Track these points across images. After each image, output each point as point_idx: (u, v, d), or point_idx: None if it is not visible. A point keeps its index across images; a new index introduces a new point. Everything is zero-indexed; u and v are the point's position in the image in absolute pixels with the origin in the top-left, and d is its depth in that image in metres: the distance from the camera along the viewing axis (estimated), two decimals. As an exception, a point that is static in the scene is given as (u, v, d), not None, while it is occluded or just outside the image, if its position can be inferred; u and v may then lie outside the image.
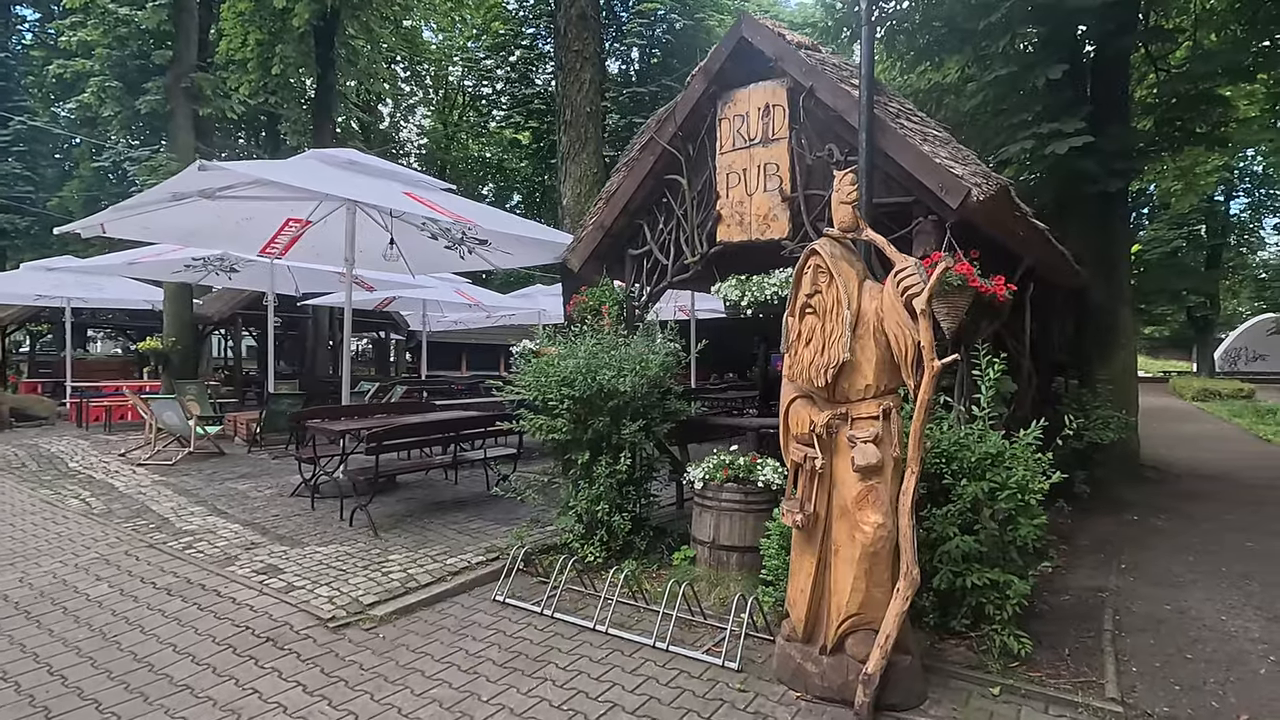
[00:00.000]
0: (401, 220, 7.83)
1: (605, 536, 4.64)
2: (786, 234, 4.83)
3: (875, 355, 3.08)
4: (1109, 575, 4.82)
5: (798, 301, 3.28)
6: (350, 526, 5.68)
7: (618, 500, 4.63)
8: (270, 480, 7.53)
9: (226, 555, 4.97)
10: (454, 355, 26.15)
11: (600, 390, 4.46)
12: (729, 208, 5.11)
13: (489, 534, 5.53)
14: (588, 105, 7.87)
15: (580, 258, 5.90)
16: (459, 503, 6.58)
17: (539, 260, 8.09)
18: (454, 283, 14.56)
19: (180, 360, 11.69)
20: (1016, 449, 3.70)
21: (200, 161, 4.54)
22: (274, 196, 7.02)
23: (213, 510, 6.23)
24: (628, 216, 5.71)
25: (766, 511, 4.35)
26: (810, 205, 4.74)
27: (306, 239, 8.40)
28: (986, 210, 4.02)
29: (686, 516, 5.85)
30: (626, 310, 5.71)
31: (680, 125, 5.27)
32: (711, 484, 4.41)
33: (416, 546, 5.18)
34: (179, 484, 7.32)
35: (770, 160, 4.91)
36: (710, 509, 4.41)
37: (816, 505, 3.14)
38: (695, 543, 4.53)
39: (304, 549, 5.11)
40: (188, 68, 11.23)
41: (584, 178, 7.83)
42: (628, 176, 5.59)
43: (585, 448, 4.68)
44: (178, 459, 8.64)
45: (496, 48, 28.85)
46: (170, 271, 10.81)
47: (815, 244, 3.22)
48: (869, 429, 3.05)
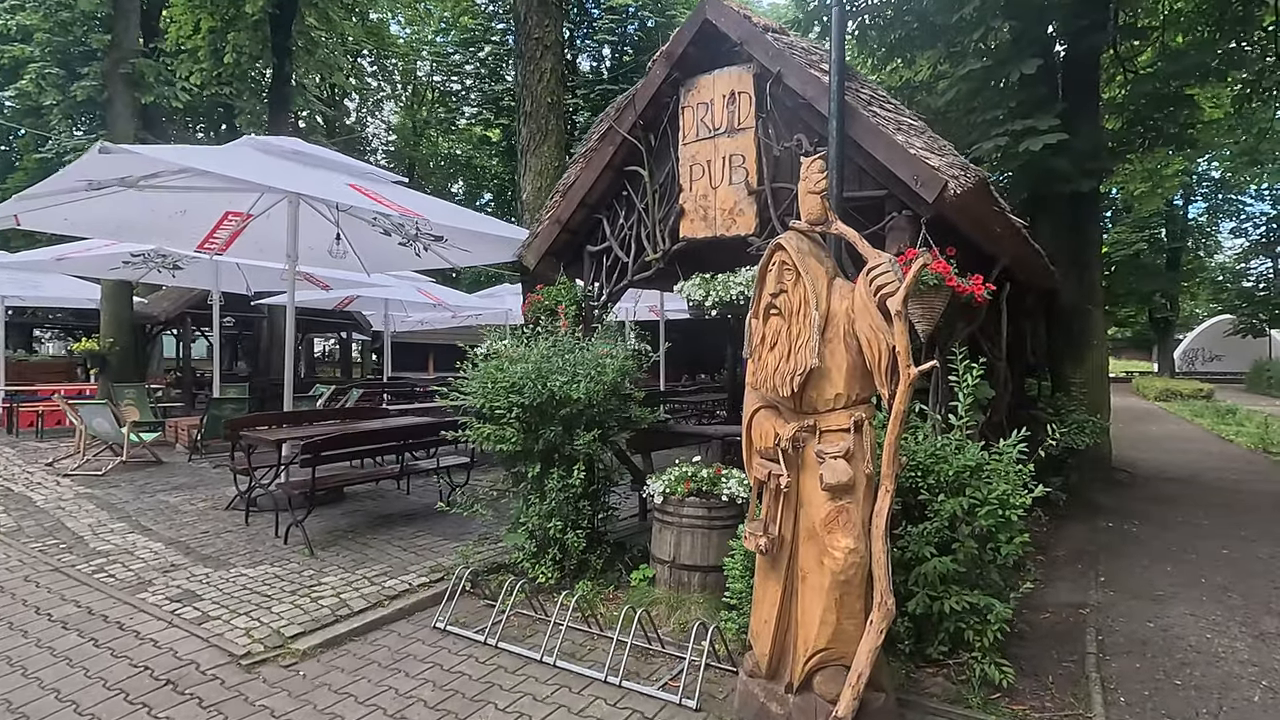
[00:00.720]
0: (350, 215, 7.39)
1: (558, 555, 4.29)
2: (753, 230, 4.53)
3: (846, 361, 2.78)
4: (1088, 589, 4.61)
5: (761, 302, 2.97)
6: (285, 544, 5.24)
7: (572, 516, 4.28)
8: (205, 492, 7.02)
9: (140, 580, 4.51)
10: (420, 356, 25.52)
11: (551, 398, 4.11)
12: (692, 202, 4.80)
13: (437, 550, 5.14)
14: (549, 95, 7.49)
15: (536, 254, 5.54)
16: (408, 516, 6.16)
17: (499, 258, 7.70)
18: (416, 281, 14.06)
19: (119, 362, 11.02)
20: (997, 461, 3.45)
21: (102, 143, 4.09)
22: (209, 188, 6.53)
23: (135, 527, 5.73)
24: (586, 211, 5.36)
25: (731, 528, 4.04)
26: (778, 199, 4.44)
27: (249, 234, 7.90)
28: (964, 205, 3.76)
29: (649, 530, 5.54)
30: (585, 311, 5.36)
31: (641, 113, 4.94)
32: (672, 498, 4.09)
33: (355, 566, 4.77)
34: (104, 497, 6.78)
35: (736, 151, 4.61)
36: (671, 525, 4.09)
37: (782, 528, 2.83)
38: (655, 561, 4.21)
39: (229, 571, 4.67)
40: (127, 53, 10.58)
41: (544, 171, 7.45)
42: (585, 168, 5.24)
43: (536, 459, 4.32)
44: (109, 469, 8.07)
45: (466, 43, 28.30)
46: (107, 268, 10.16)
47: (781, 238, 2.91)
48: (839, 443, 2.75)
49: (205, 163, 4.98)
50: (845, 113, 3.95)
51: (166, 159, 4.66)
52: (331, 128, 26.55)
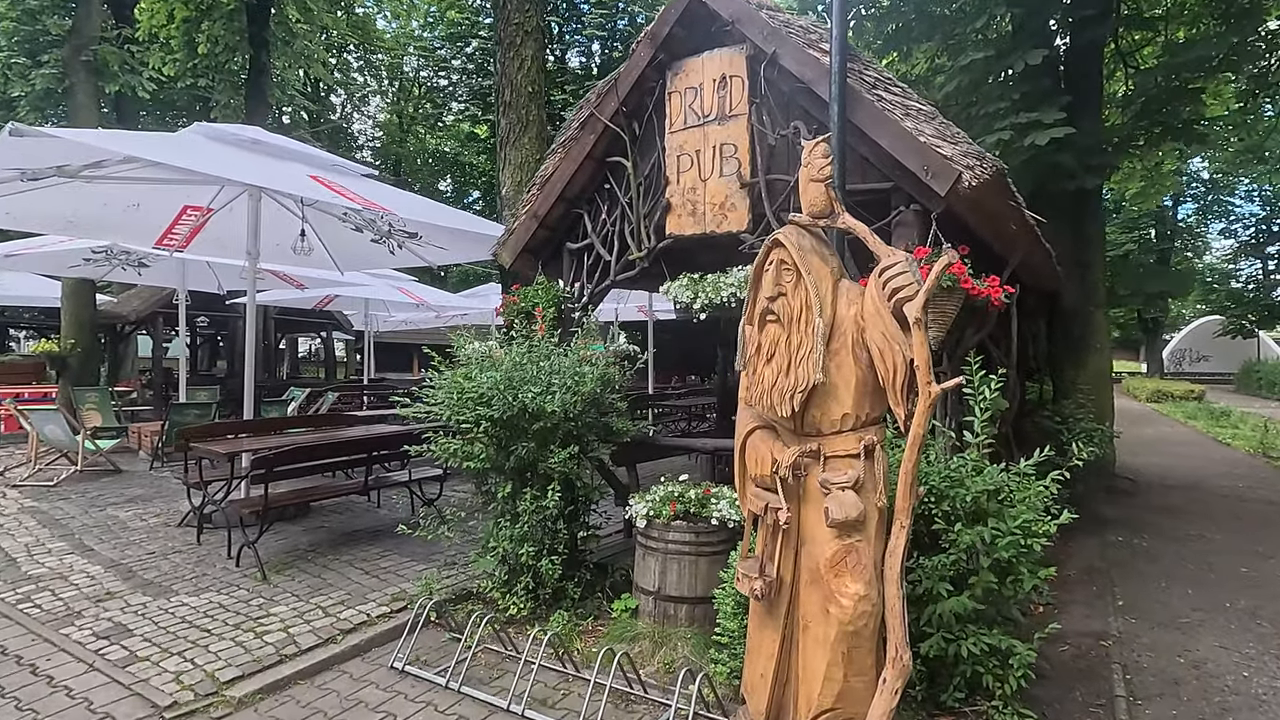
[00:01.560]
0: (319, 210, 6.94)
1: (531, 583, 3.89)
2: (746, 226, 4.15)
3: (855, 376, 2.40)
4: (1107, 615, 4.27)
5: (756, 306, 2.59)
6: (237, 567, 4.81)
7: (546, 540, 3.88)
8: (160, 505, 6.56)
9: (68, 611, 4.07)
10: (404, 356, 25.02)
11: (523, 411, 3.72)
12: (680, 195, 4.41)
13: (402, 574, 4.72)
14: (529, 85, 7.10)
15: (512, 252, 5.14)
16: (375, 533, 5.74)
17: (477, 256, 7.28)
18: (397, 280, 13.60)
19: (80, 364, 10.50)
20: (1017, 483, 3.09)
21: (12, 125, 3.65)
22: (162, 180, 6.08)
23: (76, 546, 5.28)
24: (565, 205, 4.97)
25: (722, 555, 3.66)
26: (773, 192, 4.07)
27: (211, 229, 7.44)
28: (979, 198, 3.40)
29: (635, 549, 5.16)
30: (564, 313, 4.96)
31: (624, 99, 4.55)
32: (656, 522, 3.70)
33: (309, 593, 4.35)
34: (50, 511, 6.31)
35: (727, 140, 4.23)
36: (655, 552, 3.70)
37: (781, 569, 2.45)
38: (638, 590, 3.82)
39: (169, 600, 4.23)
40: (89, 39, 10.06)
41: (525, 164, 7.05)
42: (564, 159, 4.85)
43: (507, 478, 3.92)
44: (62, 479, 7.59)
45: (453, 38, 27.82)
46: (66, 265, 9.64)
47: (779, 233, 2.53)
48: (847, 471, 2.37)
49: (148, 151, 4.54)
50: (848, 97, 3.58)
51: (94, 144, 4.22)
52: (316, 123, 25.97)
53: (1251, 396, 25.32)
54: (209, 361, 22.57)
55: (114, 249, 8.92)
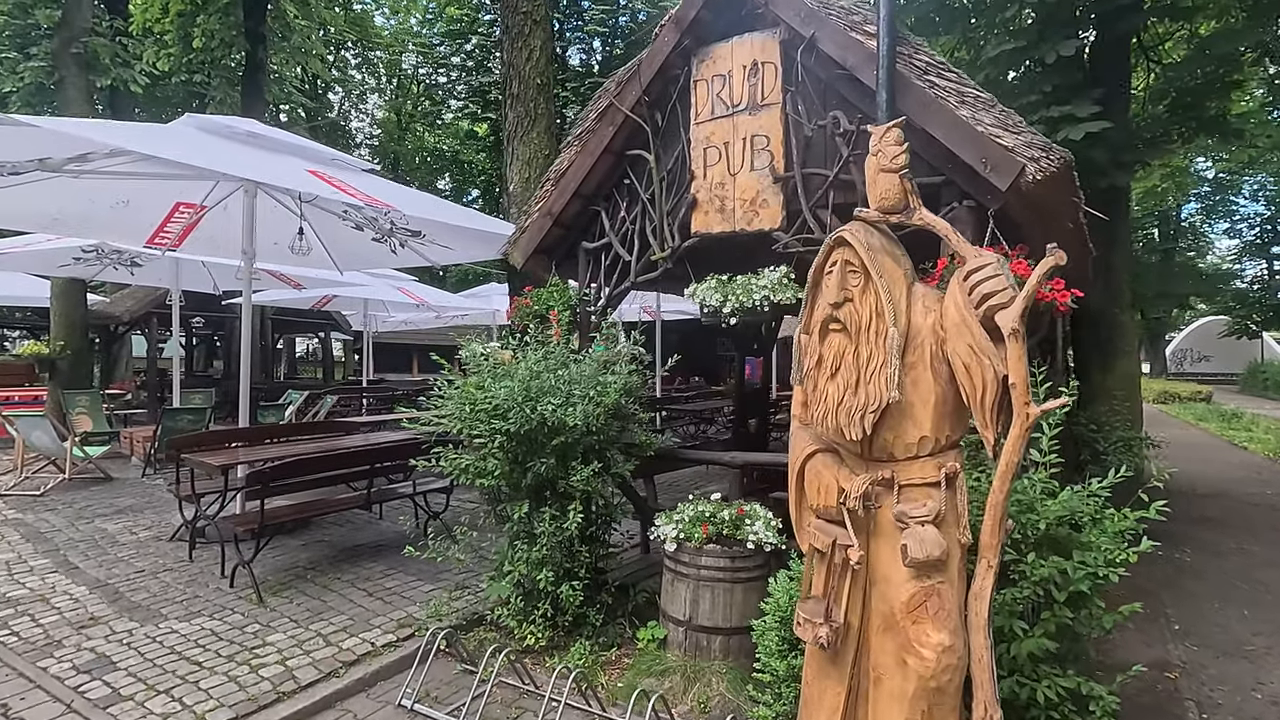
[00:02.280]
0: (317, 207, 6.63)
1: (549, 611, 3.59)
2: (779, 223, 3.85)
3: (934, 394, 2.11)
4: (1165, 642, 3.98)
5: (816, 313, 2.29)
6: (231, 587, 4.51)
7: (566, 564, 3.58)
8: (152, 517, 6.25)
9: (48, 640, 3.76)
10: (403, 357, 24.71)
11: (542, 424, 3.41)
12: (707, 191, 4.11)
13: (408, 595, 4.42)
14: (538, 76, 6.79)
15: (524, 252, 4.83)
16: (378, 548, 5.43)
17: (484, 255, 6.97)
18: (397, 280, 13.29)
19: (70, 366, 10.16)
20: (1094, 508, 2.80)
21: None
22: (153, 175, 5.75)
23: (61, 564, 4.97)
24: (581, 202, 4.66)
25: (760, 580, 3.37)
26: (810, 187, 3.77)
27: (205, 228, 7.12)
28: (1042, 194, 3.11)
29: (656, 565, 4.86)
30: (580, 316, 4.66)
31: (646, 88, 4.25)
32: (687, 546, 3.41)
33: (309, 618, 4.05)
34: (35, 523, 6.00)
35: (759, 131, 3.93)
36: (686, 578, 3.40)
37: (848, 612, 2.15)
38: (666, 619, 3.52)
39: (158, 627, 3.93)
40: (79, 31, 9.72)
41: (533, 160, 6.74)
42: (581, 152, 4.54)
43: (524, 496, 3.62)
44: (49, 487, 7.28)
45: (452, 34, 27.52)
46: (56, 265, 9.30)
47: (844, 231, 2.23)
48: (926, 502, 2.08)
49: (135, 142, 4.22)
50: (896, 83, 3.28)
51: (76, 133, 3.91)
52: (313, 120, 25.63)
53: (1257, 397, 25.11)
54: (205, 362, 22.23)
55: (104, 248, 8.60)
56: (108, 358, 15.63)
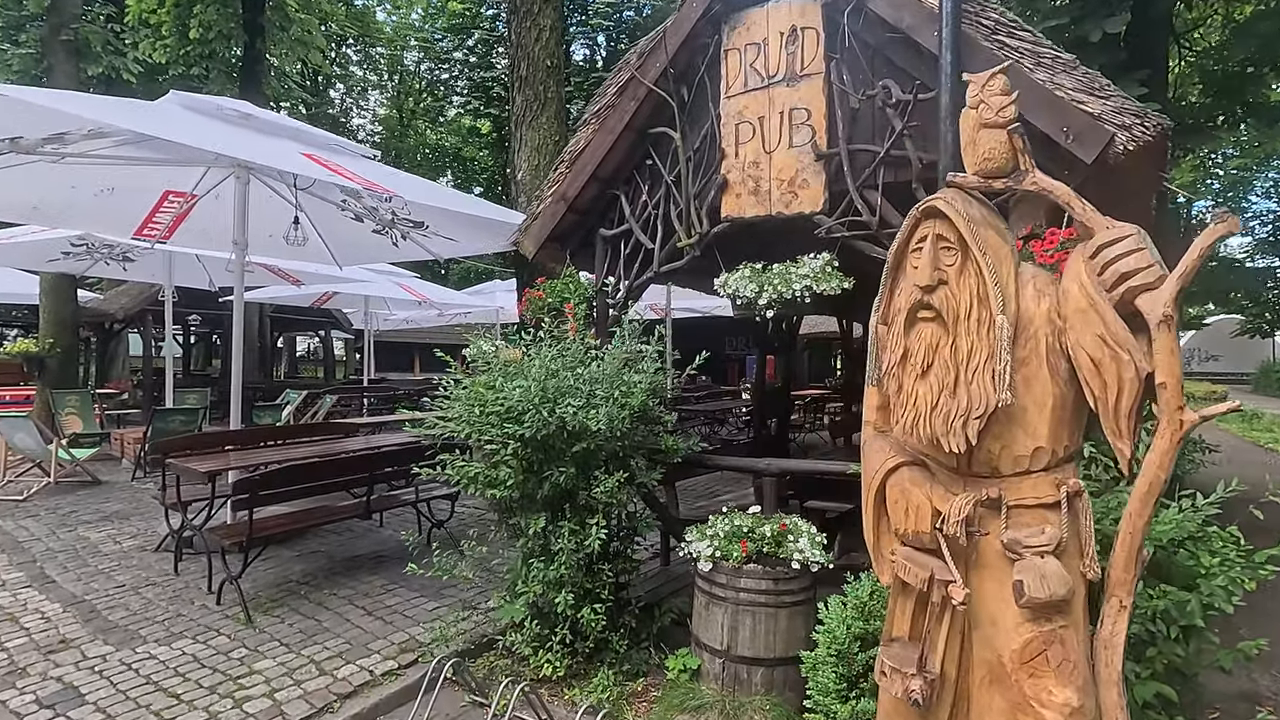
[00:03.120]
0: (313, 195, 6.25)
1: (568, 637, 3.22)
2: (821, 206, 3.47)
3: (1052, 396, 1.73)
4: (1250, 670, 3.60)
5: (899, 299, 1.91)
6: (218, 605, 4.14)
7: (586, 584, 3.21)
8: (138, 524, 5.89)
9: (12, 666, 3.39)
10: (405, 356, 24.37)
11: (561, 428, 3.04)
12: (739, 171, 3.73)
13: (410, 614, 4.05)
14: (547, 58, 6.41)
15: (536, 240, 4.45)
16: (378, 559, 5.06)
17: (490, 247, 6.61)
18: (398, 276, 12.92)
19: (60, 365, 9.81)
20: (1195, 525, 2.44)
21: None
22: (140, 160, 5.39)
23: (36, 577, 4.61)
24: (599, 185, 4.28)
25: (806, 604, 3.00)
26: (857, 165, 3.39)
27: (196, 218, 6.76)
28: (1132, 167, 2.73)
29: (679, 580, 4.49)
30: (598, 310, 4.29)
31: (671, 59, 3.87)
32: (724, 565, 3.03)
33: (301, 641, 3.68)
34: (14, 532, 5.64)
35: (798, 104, 3.55)
36: (723, 602, 3.03)
37: (945, 660, 1.78)
38: (700, 647, 3.15)
39: (134, 651, 3.56)
40: (69, 17, 9.36)
41: (543, 146, 6.37)
42: (599, 130, 4.16)
43: (539, 509, 3.25)
44: (33, 491, 6.93)
45: (454, 29, 27.19)
46: (44, 259, 8.94)
47: (937, 199, 1.86)
48: (1045, 528, 1.70)
49: (114, 116, 3.85)
50: (962, 45, 2.91)
51: (44, 104, 3.53)
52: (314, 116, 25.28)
53: (1272, 397, 24.67)
54: (204, 361, 21.89)
55: (93, 241, 8.25)
56: (103, 356, 15.29)
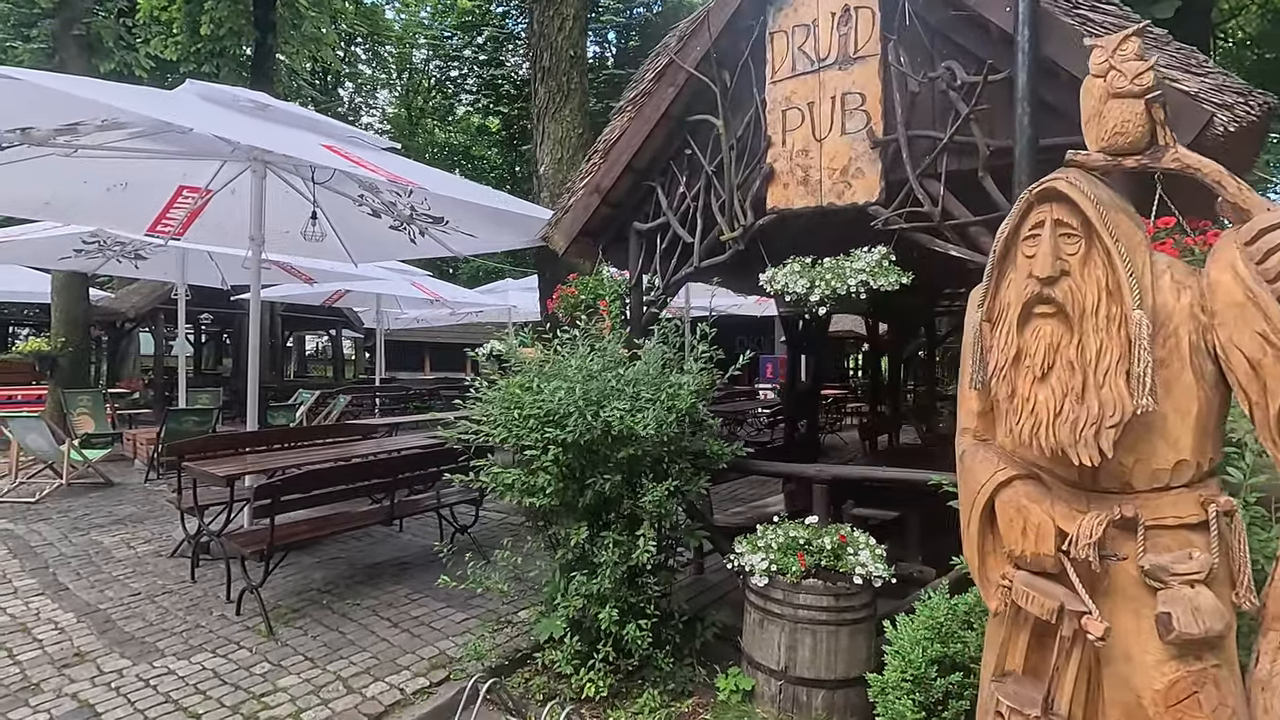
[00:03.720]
0: (331, 190, 6.09)
1: (611, 654, 3.02)
2: (877, 196, 3.27)
3: (1197, 401, 1.52)
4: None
5: (1009, 292, 1.71)
6: (238, 615, 3.97)
7: (630, 598, 3.01)
8: (153, 528, 5.73)
9: (25, 682, 3.23)
10: (416, 356, 24.25)
11: (607, 433, 2.85)
12: (786, 160, 3.53)
13: (437, 625, 3.87)
14: (570, 47, 6.22)
15: (566, 234, 4.26)
16: (400, 565, 4.88)
17: (512, 243, 6.43)
18: (411, 274, 12.77)
19: (72, 365, 9.69)
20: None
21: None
22: (154, 154, 5.24)
23: (49, 584, 4.45)
24: (634, 176, 4.09)
25: (867, 621, 2.80)
26: (916, 152, 3.18)
27: (210, 214, 6.59)
28: (1232, 148, 2.51)
29: (714, 589, 4.30)
30: (632, 307, 4.10)
31: (714, 41, 3.67)
32: (781, 580, 2.83)
33: (326, 655, 3.50)
34: (27, 535, 5.49)
35: (851, 89, 3.34)
36: (779, 619, 2.83)
37: (1072, 702, 1.57)
38: (753, 667, 2.95)
39: (152, 665, 3.39)
40: (81, 11, 9.25)
41: (566, 139, 6.18)
42: (635, 118, 3.97)
43: (581, 518, 3.05)
44: (46, 493, 6.79)
45: (464, 27, 27.09)
46: (56, 257, 8.82)
47: (1056, 180, 1.65)
48: (1193, 553, 1.49)
49: (131, 102, 3.68)
50: (1040, 20, 2.70)
51: (57, 87, 3.36)
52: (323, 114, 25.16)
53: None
54: (215, 360, 21.82)
55: (105, 238, 8.10)
56: (114, 355, 15.21)
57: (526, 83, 26.95)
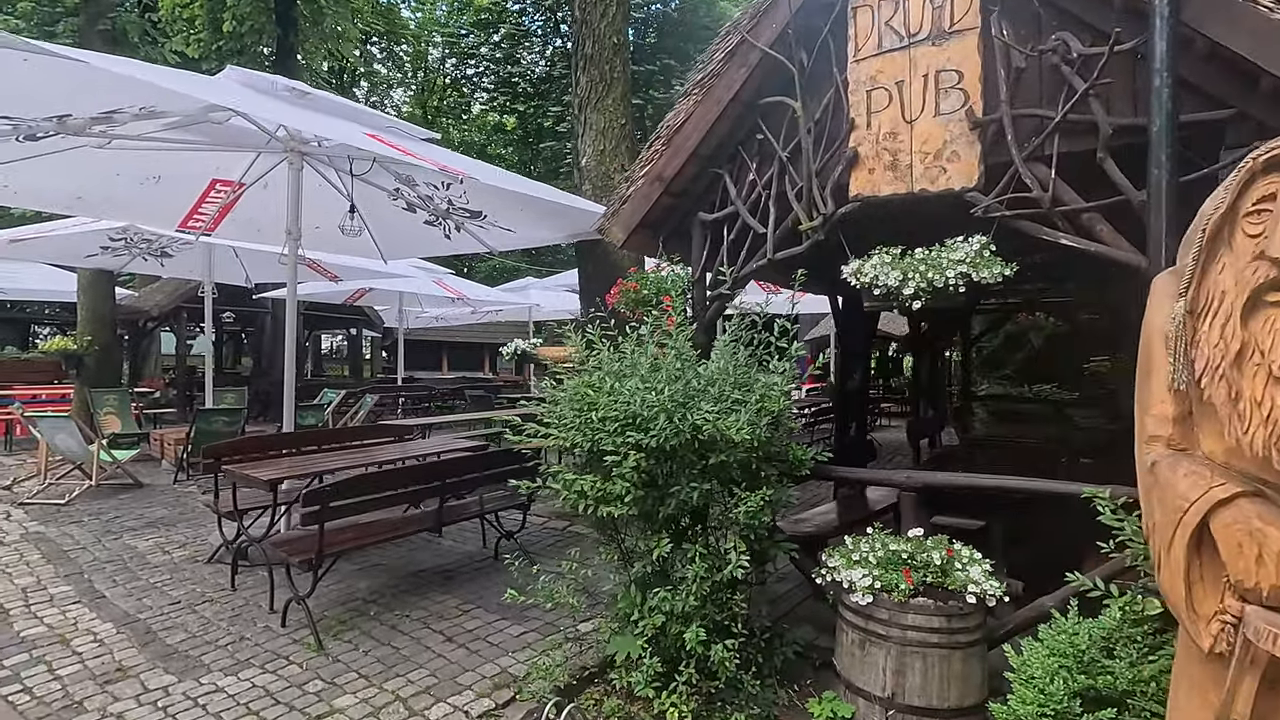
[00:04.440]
0: (366, 183, 5.90)
1: (695, 677, 2.79)
2: (976, 181, 3.02)
3: None
4: None
5: (1222, 277, 1.46)
6: (283, 627, 3.78)
7: (716, 615, 2.79)
8: (186, 532, 5.57)
9: (68, 699, 3.04)
10: (433, 355, 24.18)
11: (694, 438, 2.62)
12: (871, 143, 3.29)
13: (496, 641, 3.65)
14: (614, 35, 5.99)
15: (625, 226, 4.04)
16: (445, 574, 4.68)
17: (551, 238, 6.21)
18: (434, 272, 12.60)
19: (98, 363, 9.59)
20: None
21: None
22: (189, 144, 5.09)
23: (85, 592, 4.28)
24: (700, 163, 3.86)
25: (980, 645, 2.56)
26: (1022, 133, 2.93)
27: (242, 209, 6.44)
28: None
29: (779, 601, 4.06)
30: (696, 303, 3.87)
31: (792, 17, 3.43)
32: (884, 599, 2.59)
33: (381, 673, 3.29)
34: (59, 538, 5.34)
35: (947, 66, 3.09)
36: (885, 641, 2.59)
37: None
38: (853, 692, 2.71)
39: (199, 681, 3.19)
40: (106, 6, 9.13)
41: (609, 130, 5.96)
42: (703, 102, 3.73)
43: (662, 530, 2.83)
44: (75, 494, 6.65)
45: (481, 25, 26.99)
46: (82, 255, 8.71)
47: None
48: None
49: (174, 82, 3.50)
50: (1179, -19, 2.44)
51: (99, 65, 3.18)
52: (339, 113, 25.10)
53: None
54: (233, 360, 21.79)
55: (133, 236, 7.97)
56: (135, 355, 15.16)
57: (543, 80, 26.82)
